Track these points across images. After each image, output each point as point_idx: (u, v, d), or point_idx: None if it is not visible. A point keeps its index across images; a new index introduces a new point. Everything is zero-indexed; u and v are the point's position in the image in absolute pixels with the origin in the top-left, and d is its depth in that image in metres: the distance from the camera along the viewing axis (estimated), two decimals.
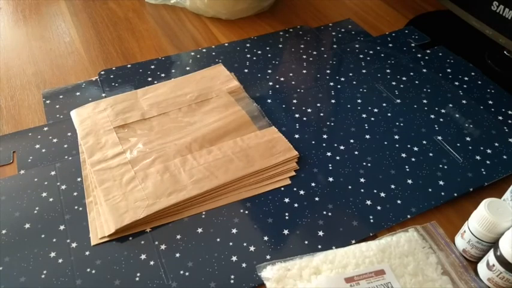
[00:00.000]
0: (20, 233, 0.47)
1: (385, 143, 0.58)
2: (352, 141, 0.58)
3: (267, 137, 0.57)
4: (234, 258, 0.45)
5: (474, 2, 0.69)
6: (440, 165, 0.55)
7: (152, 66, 0.69)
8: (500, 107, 0.64)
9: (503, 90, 0.67)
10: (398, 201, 0.51)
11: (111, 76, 0.67)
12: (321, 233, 0.48)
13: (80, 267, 0.44)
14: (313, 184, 0.53)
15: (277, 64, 0.71)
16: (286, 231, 0.48)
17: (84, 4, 0.84)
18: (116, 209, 0.48)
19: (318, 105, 0.63)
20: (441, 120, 0.61)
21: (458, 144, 0.58)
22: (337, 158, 0.56)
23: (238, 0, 0.78)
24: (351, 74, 0.69)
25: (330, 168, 0.54)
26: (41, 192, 0.51)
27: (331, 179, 0.53)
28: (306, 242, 0.47)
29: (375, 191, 0.52)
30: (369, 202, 0.51)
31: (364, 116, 0.62)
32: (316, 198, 0.51)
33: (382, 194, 0.52)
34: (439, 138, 0.59)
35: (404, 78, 0.68)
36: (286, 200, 0.51)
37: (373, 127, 0.60)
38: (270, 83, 0.67)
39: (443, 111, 0.63)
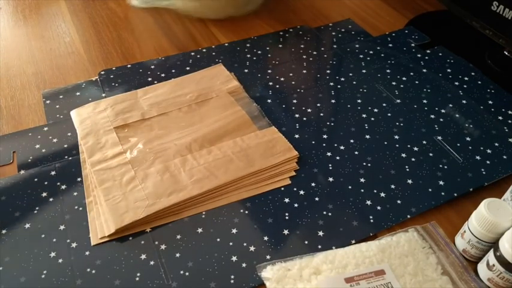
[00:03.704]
0: (20, 233, 0.47)
1: (385, 143, 0.58)
2: (352, 141, 0.58)
3: (267, 137, 0.57)
4: (234, 258, 0.45)
5: (474, 2, 0.69)
6: (440, 165, 0.55)
7: (152, 66, 0.69)
8: (500, 107, 0.64)
9: (503, 90, 0.67)
10: (398, 201, 0.51)
11: (111, 76, 0.67)
12: (321, 233, 0.48)
13: (80, 267, 0.44)
14: (313, 184, 0.53)
15: (277, 64, 0.71)
16: (286, 231, 0.48)
17: (84, 4, 0.84)
18: (116, 209, 0.48)
19: (318, 105, 0.63)
20: (441, 120, 0.61)
21: (458, 144, 0.58)
22: (337, 158, 0.56)
23: (224, 5, 0.78)
24: (351, 74, 0.69)
25: (330, 168, 0.54)
26: (41, 192, 0.51)
27: (331, 179, 0.53)
28: (306, 242, 0.47)
29: (375, 191, 0.52)
30: (369, 202, 0.51)
31: (364, 116, 0.62)
32: (316, 198, 0.51)
33: (382, 194, 0.52)
34: (439, 138, 0.59)
35: (404, 78, 0.68)
36: (286, 200, 0.51)
37: (373, 127, 0.60)
38: (270, 83, 0.67)
39: (443, 111, 0.63)
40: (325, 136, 0.59)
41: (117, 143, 0.55)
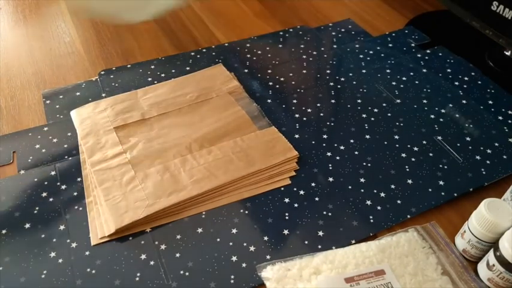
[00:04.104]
0: (20, 233, 0.47)
1: (385, 143, 0.58)
2: (352, 141, 0.58)
3: (267, 137, 0.57)
4: (234, 258, 0.45)
5: (474, 2, 0.69)
6: (440, 165, 0.55)
7: (152, 66, 0.69)
8: (500, 107, 0.64)
9: (503, 90, 0.67)
10: (398, 201, 0.51)
11: (111, 76, 0.67)
12: (321, 233, 0.48)
13: (80, 267, 0.44)
14: (313, 184, 0.53)
15: (277, 64, 0.71)
16: (286, 231, 0.48)
17: None
18: (116, 209, 0.48)
19: (318, 105, 0.63)
20: (441, 120, 0.61)
21: (458, 144, 0.58)
22: (337, 158, 0.56)
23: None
24: (351, 74, 0.69)
25: (330, 168, 0.54)
26: (41, 192, 0.51)
27: (331, 179, 0.53)
28: (306, 242, 0.47)
29: (375, 191, 0.52)
30: (369, 202, 0.51)
31: (364, 116, 0.62)
32: (316, 198, 0.51)
33: (382, 194, 0.52)
34: (439, 138, 0.59)
35: (404, 78, 0.68)
36: (286, 200, 0.51)
37: (373, 127, 0.60)
38: (270, 83, 0.67)
39: (443, 111, 0.63)
40: (325, 136, 0.59)
41: (117, 143, 0.55)
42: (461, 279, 0.44)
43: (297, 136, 0.58)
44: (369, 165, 0.55)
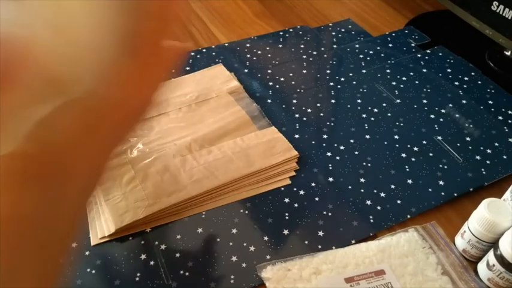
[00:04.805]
0: None
1: (385, 143, 0.58)
2: (352, 141, 0.58)
3: (267, 137, 0.57)
4: (234, 258, 0.45)
5: (474, 2, 0.69)
6: (440, 165, 0.55)
7: None
8: (500, 107, 0.64)
9: (503, 90, 0.67)
10: (398, 201, 0.51)
11: None
12: (321, 233, 0.48)
13: (80, 267, 0.44)
14: (313, 184, 0.53)
15: (277, 64, 0.71)
16: (286, 231, 0.48)
17: None
18: (116, 209, 0.48)
19: (318, 105, 0.63)
20: (441, 120, 0.61)
21: (458, 144, 0.58)
22: (337, 158, 0.56)
23: None
24: (351, 74, 0.69)
25: (330, 168, 0.54)
26: None
27: (331, 179, 0.53)
28: (306, 242, 0.47)
29: (375, 191, 0.52)
30: (369, 202, 0.51)
31: (364, 116, 0.62)
32: (316, 198, 0.51)
33: (382, 194, 0.52)
34: (439, 138, 0.59)
35: (404, 78, 0.68)
36: (286, 200, 0.51)
37: (373, 127, 0.60)
38: (270, 83, 0.67)
39: (443, 111, 0.63)
40: (325, 136, 0.59)
41: None
42: (461, 279, 0.44)
43: (297, 136, 0.58)
44: (369, 165, 0.55)
